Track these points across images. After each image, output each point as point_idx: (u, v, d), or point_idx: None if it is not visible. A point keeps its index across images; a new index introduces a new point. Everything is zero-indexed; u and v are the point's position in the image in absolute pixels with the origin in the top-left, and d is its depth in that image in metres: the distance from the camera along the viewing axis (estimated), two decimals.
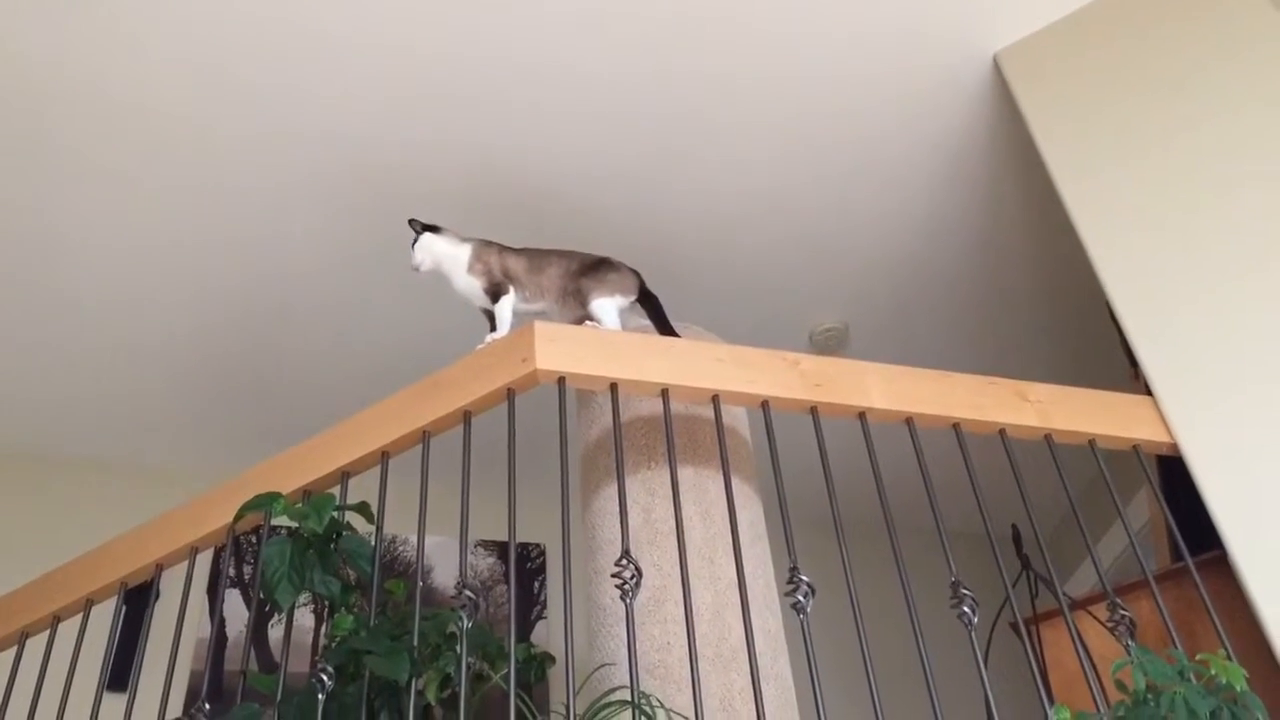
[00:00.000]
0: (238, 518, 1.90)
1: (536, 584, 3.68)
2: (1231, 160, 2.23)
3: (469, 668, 1.62)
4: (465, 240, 2.37)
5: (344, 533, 1.82)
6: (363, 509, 1.84)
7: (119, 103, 2.62)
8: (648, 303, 2.31)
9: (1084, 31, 2.58)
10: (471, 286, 2.33)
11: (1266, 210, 2.14)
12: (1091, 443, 2.02)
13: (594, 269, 2.31)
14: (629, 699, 1.54)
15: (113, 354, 3.26)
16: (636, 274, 2.33)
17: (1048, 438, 2.01)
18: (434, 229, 2.37)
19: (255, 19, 2.49)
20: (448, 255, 2.35)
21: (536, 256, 2.37)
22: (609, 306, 2.25)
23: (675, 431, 1.90)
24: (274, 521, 1.90)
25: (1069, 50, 2.57)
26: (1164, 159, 2.30)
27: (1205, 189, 2.23)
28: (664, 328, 2.27)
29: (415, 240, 2.36)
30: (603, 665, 1.93)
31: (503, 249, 2.38)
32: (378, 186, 2.89)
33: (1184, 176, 2.26)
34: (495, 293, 2.31)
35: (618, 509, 1.78)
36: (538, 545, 3.74)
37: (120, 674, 2.05)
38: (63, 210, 2.85)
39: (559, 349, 1.93)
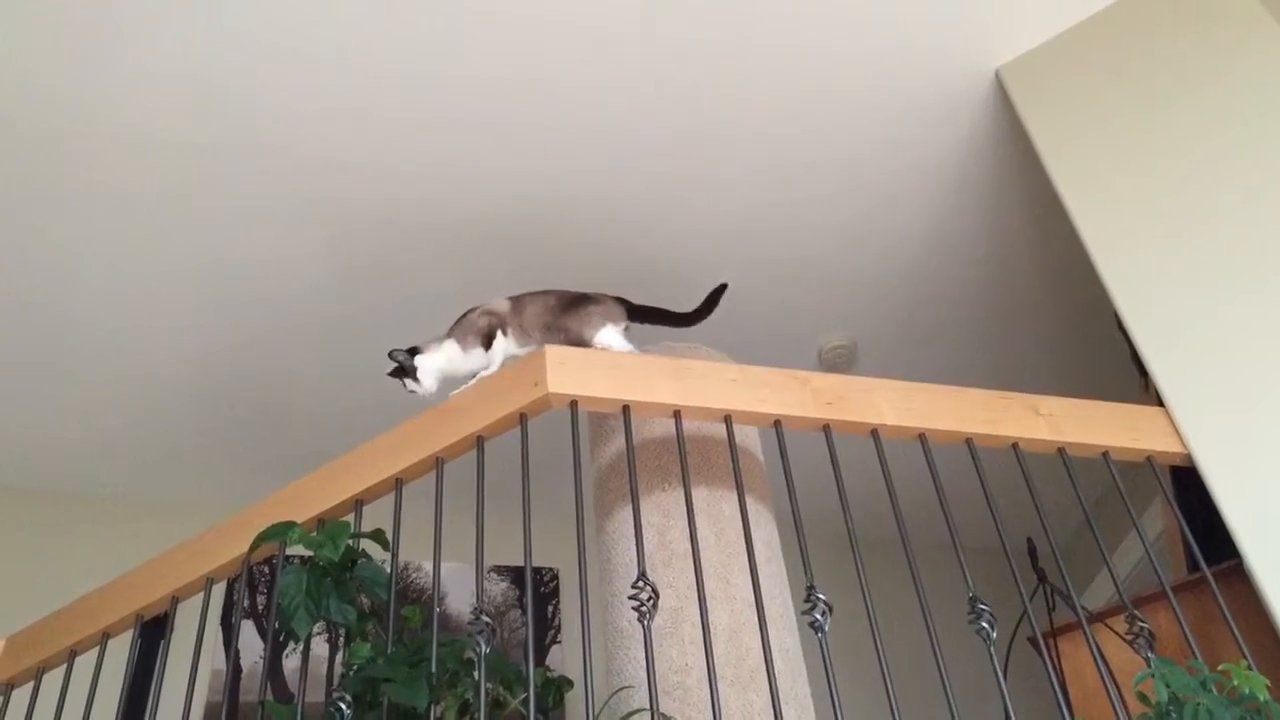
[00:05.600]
0: (253, 547, 1.90)
1: (550, 608, 3.67)
2: (1236, 169, 2.23)
3: (487, 693, 1.62)
4: (445, 336, 2.26)
5: (359, 560, 1.82)
6: (378, 536, 1.84)
7: (126, 129, 2.63)
8: (647, 314, 2.26)
9: (1085, 45, 2.60)
10: (478, 358, 2.21)
11: (1270, 217, 2.15)
12: (1105, 455, 2.02)
13: (574, 305, 2.24)
14: None
15: (123, 385, 3.27)
16: (620, 300, 2.27)
17: (1061, 451, 2.01)
18: (414, 350, 2.20)
19: (255, 45, 2.50)
20: (444, 359, 2.21)
21: (517, 300, 2.29)
22: (608, 335, 2.18)
23: (688, 452, 1.90)
24: (288, 551, 1.90)
25: (1070, 64, 2.59)
26: (1168, 170, 2.31)
27: (1210, 198, 2.24)
28: (677, 318, 2.23)
29: (403, 371, 2.19)
30: (622, 688, 1.92)
31: (484, 308, 2.30)
32: (383, 213, 2.91)
33: (1188, 186, 2.27)
34: (489, 341, 2.22)
35: (632, 531, 1.78)
36: (551, 570, 3.74)
37: (136, 708, 2.04)
38: (69, 239, 2.86)
39: (571, 372, 1.94)
